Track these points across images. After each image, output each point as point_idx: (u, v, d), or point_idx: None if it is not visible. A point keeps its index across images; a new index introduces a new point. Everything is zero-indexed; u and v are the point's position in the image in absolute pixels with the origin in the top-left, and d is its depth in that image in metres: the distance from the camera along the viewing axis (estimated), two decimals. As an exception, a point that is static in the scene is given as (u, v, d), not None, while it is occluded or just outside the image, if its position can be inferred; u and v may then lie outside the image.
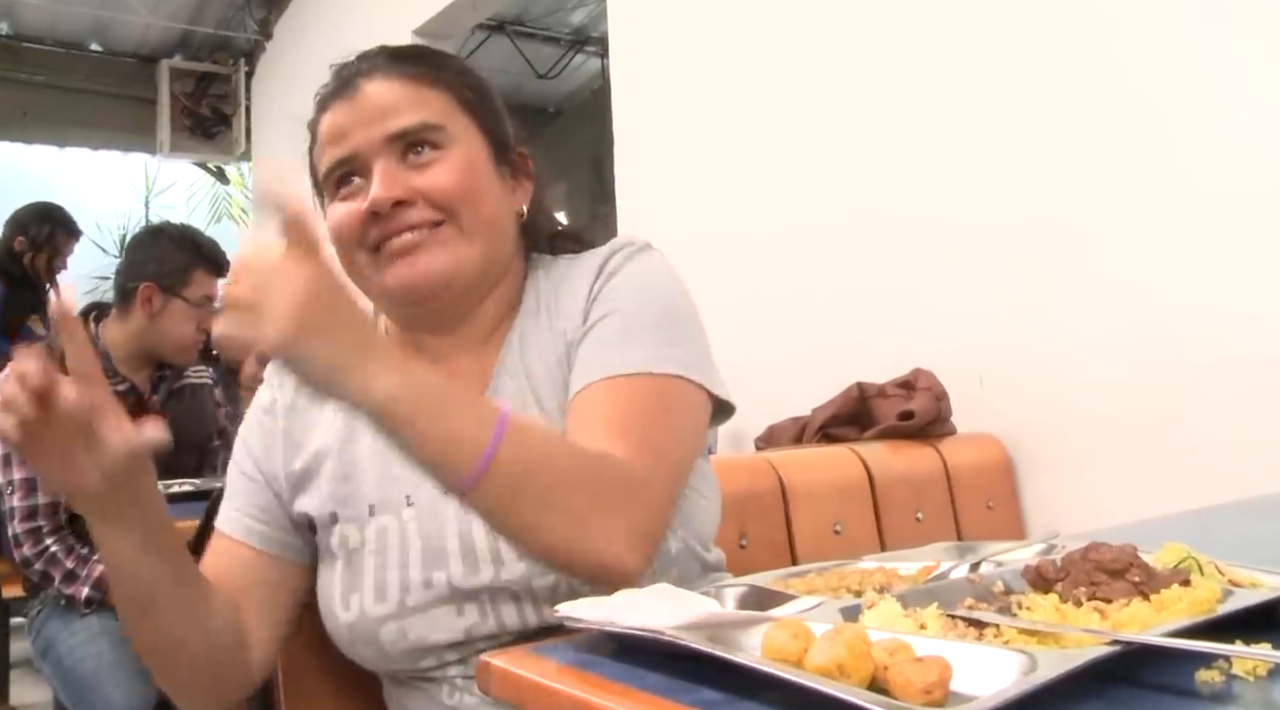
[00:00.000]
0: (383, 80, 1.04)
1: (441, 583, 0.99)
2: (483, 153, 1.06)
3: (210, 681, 1.01)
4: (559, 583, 0.97)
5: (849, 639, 0.63)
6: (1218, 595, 0.73)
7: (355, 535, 1.03)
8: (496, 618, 0.99)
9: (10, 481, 2.25)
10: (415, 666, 1.01)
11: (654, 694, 0.66)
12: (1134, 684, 0.65)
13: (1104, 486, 1.93)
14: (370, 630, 1.00)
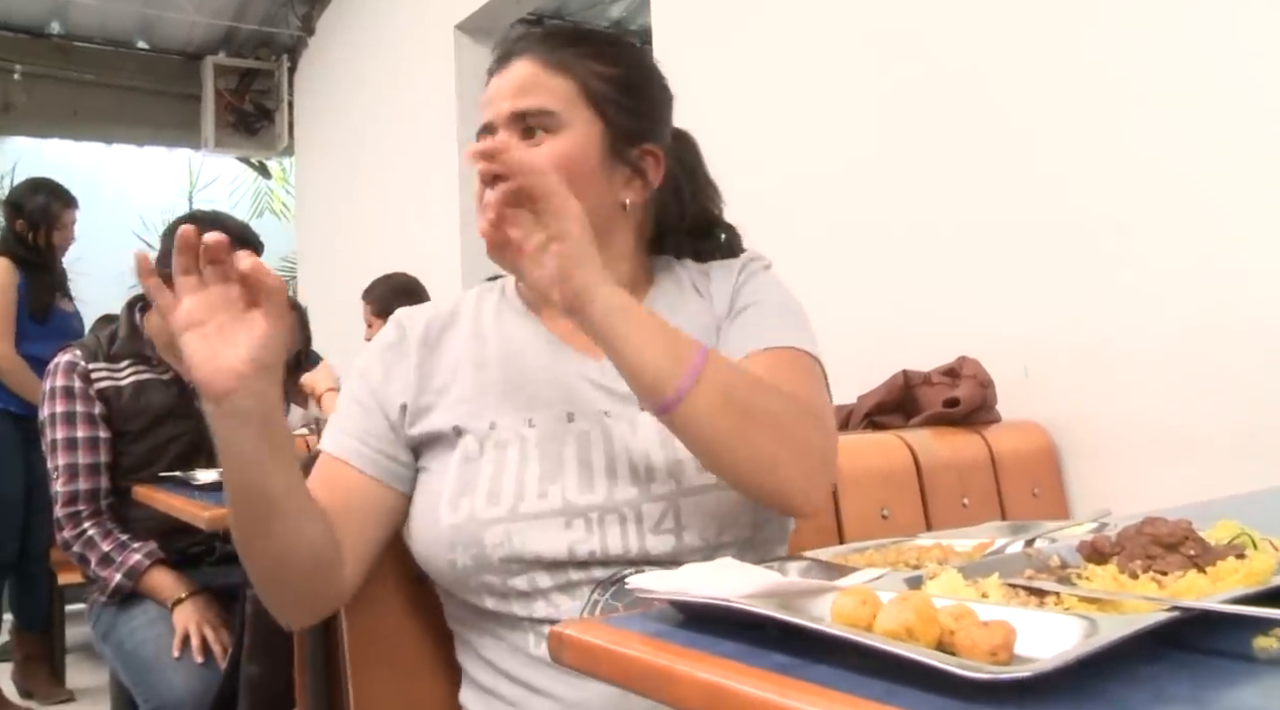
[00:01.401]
0: (526, 61, 1.14)
1: (556, 495, 1.06)
2: (593, 142, 1.13)
3: (308, 594, 1.07)
4: (667, 510, 1.05)
5: (916, 604, 0.65)
6: (1273, 567, 0.75)
7: (474, 446, 1.09)
8: (601, 538, 1.05)
9: (55, 467, 2.30)
10: (504, 581, 1.05)
11: (727, 658, 0.69)
12: (1193, 650, 0.67)
13: (1150, 473, 1.94)
14: (475, 532, 1.05)
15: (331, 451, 1.14)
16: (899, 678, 0.61)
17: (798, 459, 0.97)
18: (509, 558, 1.04)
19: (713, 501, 1.05)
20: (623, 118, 1.15)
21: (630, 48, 1.24)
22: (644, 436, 1.09)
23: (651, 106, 1.21)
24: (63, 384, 2.32)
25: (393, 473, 1.14)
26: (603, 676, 0.78)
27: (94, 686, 3.86)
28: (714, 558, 1.01)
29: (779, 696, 0.62)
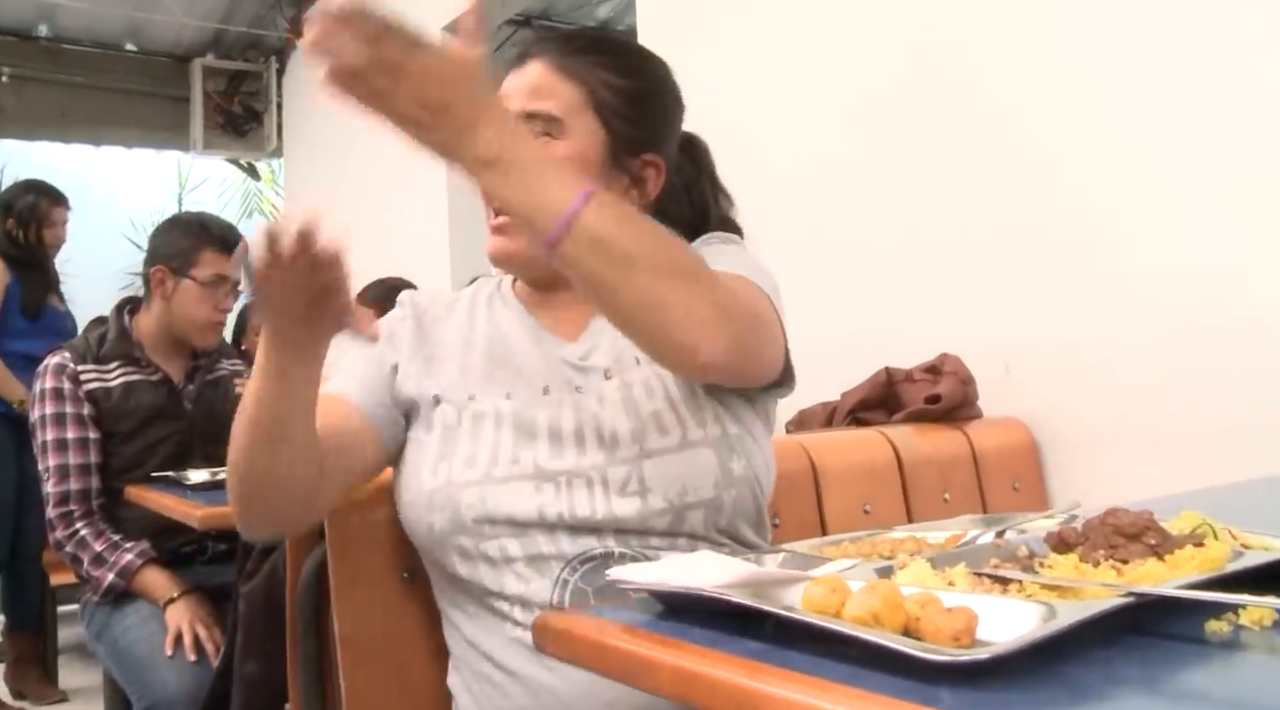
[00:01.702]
0: (540, 63, 1.18)
1: (528, 460, 1.12)
2: (595, 150, 1.17)
3: (281, 513, 1.11)
4: (631, 473, 1.09)
5: (884, 592, 0.68)
6: (1228, 555, 0.78)
7: (453, 415, 1.16)
8: (569, 501, 1.10)
9: (46, 468, 2.31)
10: (476, 543, 1.11)
11: (702, 645, 0.72)
12: (1148, 634, 0.70)
13: (1129, 467, 1.97)
14: (452, 495, 1.11)
15: (328, 390, 1.18)
16: (865, 662, 0.64)
17: (687, 303, 0.94)
18: (481, 518, 1.09)
19: (675, 464, 1.10)
20: (627, 128, 1.19)
21: (643, 58, 1.28)
22: (610, 407, 1.14)
23: (658, 118, 1.24)
24: (52, 386, 2.33)
25: (380, 417, 1.19)
26: (584, 665, 0.81)
27: (87, 687, 3.87)
28: (681, 520, 1.09)
29: (750, 681, 0.65)
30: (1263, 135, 1.83)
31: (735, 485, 1.13)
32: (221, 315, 2.47)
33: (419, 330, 1.25)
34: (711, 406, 1.14)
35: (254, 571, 1.53)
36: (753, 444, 1.16)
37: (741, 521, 1.15)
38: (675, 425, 1.12)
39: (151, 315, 2.45)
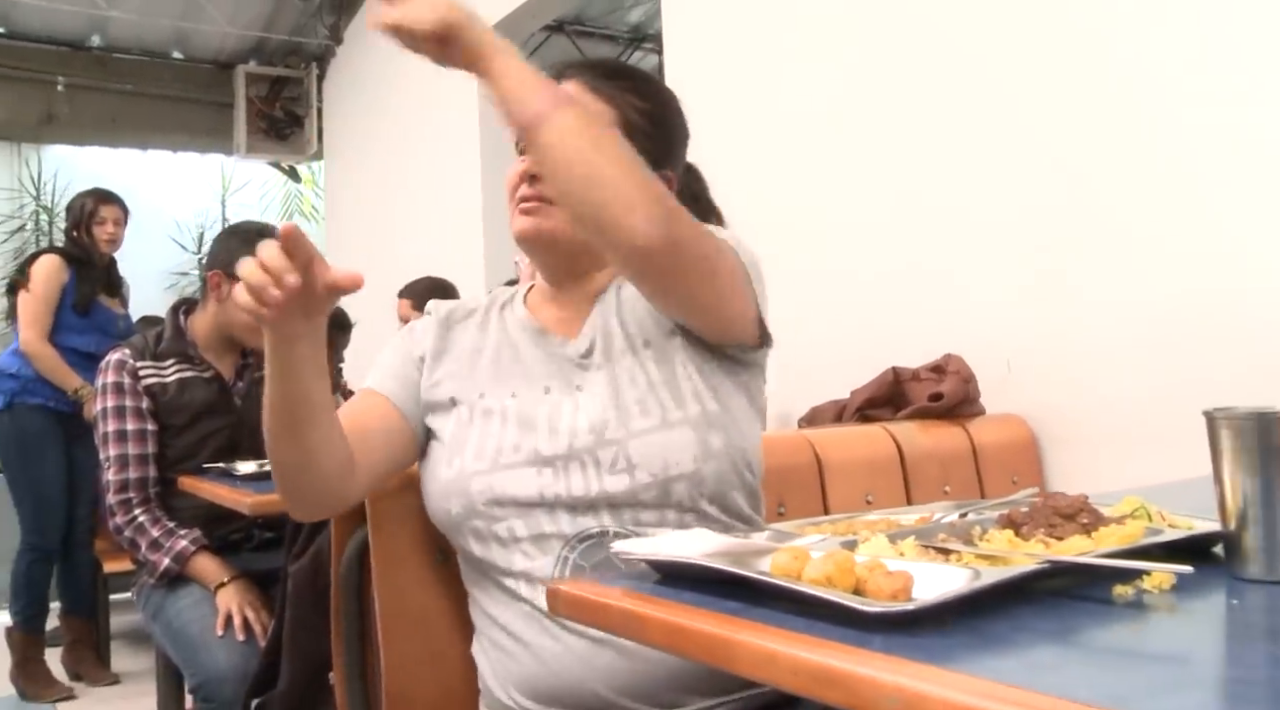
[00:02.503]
0: (574, 84, 1.32)
1: (529, 447, 1.25)
2: None
3: (321, 492, 1.25)
4: (618, 453, 1.22)
5: (837, 559, 0.81)
6: (1143, 532, 0.90)
7: (466, 414, 1.31)
8: (565, 481, 1.23)
9: (107, 457, 2.46)
10: (488, 525, 1.25)
11: (687, 605, 0.85)
12: (1064, 596, 0.83)
13: (1124, 461, 2.07)
14: (464, 484, 1.25)
15: (369, 384, 1.37)
16: (819, 615, 0.77)
17: (635, 191, 1.09)
18: (490, 502, 1.24)
19: (657, 441, 1.22)
20: (649, 146, 1.30)
21: (662, 87, 1.43)
22: (600, 396, 1.27)
23: (672, 139, 1.40)
24: (113, 380, 2.49)
25: (410, 412, 1.35)
26: (590, 623, 0.94)
27: (138, 670, 4.04)
28: (667, 493, 1.22)
29: (723, 631, 0.78)
30: (1258, 140, 1.91)
31: (715, 458, 1.24)
32: None
33: (442, 335, 1.39)
34: (691, 387, 1.26)
35: (301, 553, 1.68)
36: (733, 420, 1.27)
37: (731, 491, 1.27)
38: (656, 407, 1.24)
39: (206, 316, 2.60)
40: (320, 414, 1.19)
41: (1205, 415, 0.88)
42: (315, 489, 1.25)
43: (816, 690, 0.69)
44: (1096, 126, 2.16)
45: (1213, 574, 0.87)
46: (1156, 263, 2.06)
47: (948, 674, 0.64)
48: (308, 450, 1.20)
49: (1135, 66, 2.11)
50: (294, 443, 1.19)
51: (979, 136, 2.40)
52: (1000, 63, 2.36)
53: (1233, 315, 1.95)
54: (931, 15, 2.53)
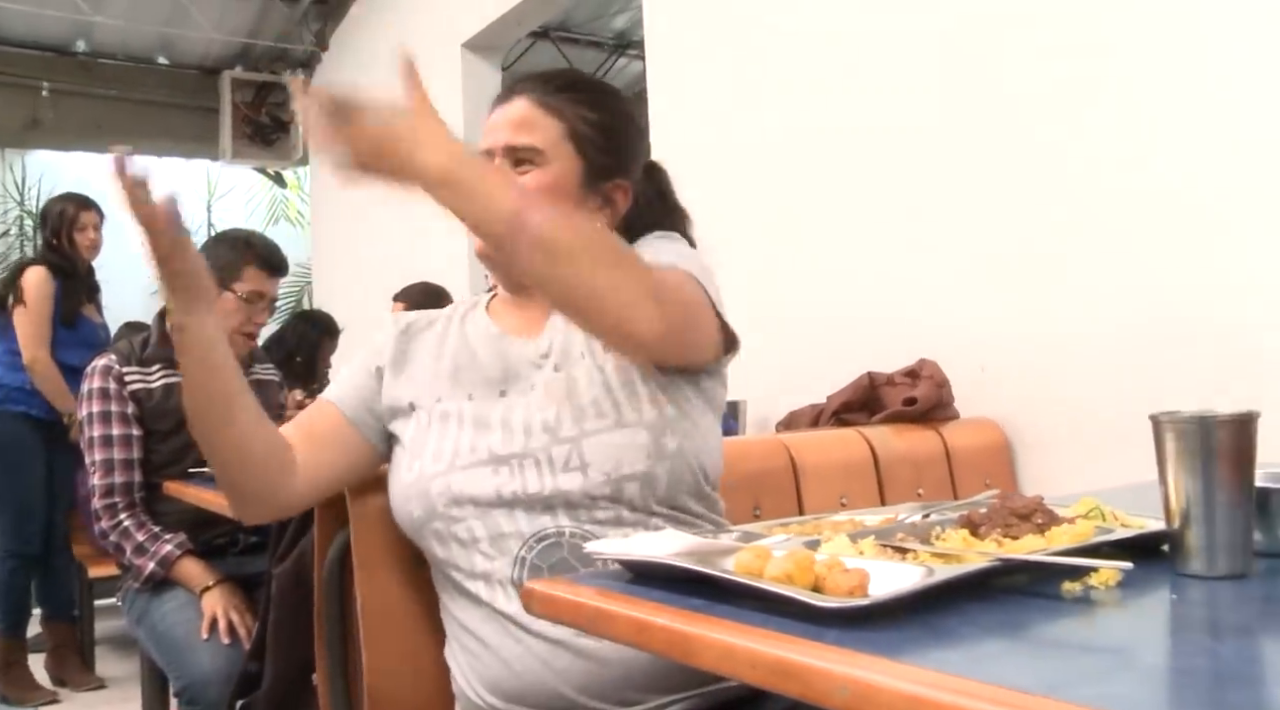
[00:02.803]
0: (524, 100, 1.35)
1: (483, 448, 1.28)
2: (570, 177, 1.35)
3: (261, 487, 1.34)
4: (571, 451, 1.25)
5: (797, 557, 0.84)
6: (1092, 531, 0.94)
7: (425, 418, 1.34)
8: (521, 479, 1.26)
9: (93, 462, 2.48)
10: (448, 527, 1.28)
11: (654, 601, 0.88)
12: (1016, 592, 0.86)
13: (1094, 463, 2.11)
14: (424, 486, 1.29)
15: (327, 396, 1.43)
16: (780, 611, 0.80)
17: (621, 291, 1.10)
18: (449, 502, 1.27)
19: (610, 441, 1.25)
20: (600, 157, 1.37)
21: (614, 95, 1.46)
22: (555, 397, 1.30)
23: (625, 147, 1.42)
24: (99, 385, 2.51)
25: (365, 424, 1.39)
26: (563, 620, 0.97)
27: (122, 676, 4.05)
28: (619, 491, 1.25)
29: (686, 626, 0.82)
30: (1222, 157, 1.96)
31: (669, 459, 1.26)
32: (254, 327, 2.63)
33: (402, 345, 1.43)
34: (649, 392, 1.28)
35: (285, 556, 1.70)
36: (690, 425, 1.29)
37: (682, 494, 1.29)
38: (611, 409, 1.27)
39: None
40: (240, 399, 1.28)
41: (1151, 419, 0.92)
42: (253, 485, 1.33)
43: (774, 682, 0.73)
44: (1066, 139, 2.21)
45: (1158, 571, 0.91)
46: (1126, 272, 2.10)
47: (896, 665, 0.67)
48: (236, 441, 1.29)
49: (1097, 83, 2.15)
50: (221, 432, 1.29)
51: (953, 148, 2.44)
52: (973, 74, 2.41)
53: (1200, 322, 1.99)
54: (908, 26, 2.57)
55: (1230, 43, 1.95)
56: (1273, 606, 0.86)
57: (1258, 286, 1.91)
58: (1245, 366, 1.92)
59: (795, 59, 2.92)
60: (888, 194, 2.60)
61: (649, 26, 3.61)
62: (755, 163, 3.04)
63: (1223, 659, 0.71)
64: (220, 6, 6.16)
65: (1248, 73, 1.92)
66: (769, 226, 2.96)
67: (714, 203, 3.15)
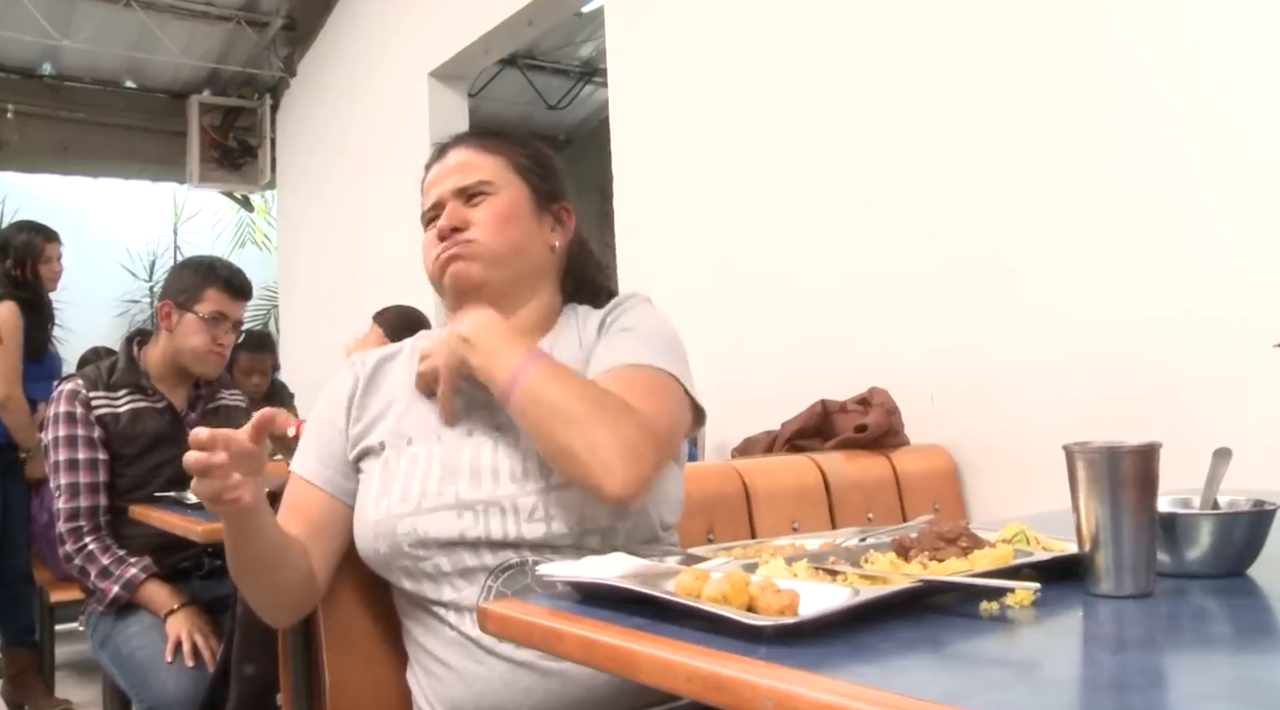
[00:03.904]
0: (461, 149, 1.47)
1: (451, 493, 1.32)
2: (523, 200, 1.46)
3: (295, 603, 1.40)
4: (537, 503, 1.30)
5: (733, 579, 0.90)
6: (1011, 554, 1.01)
7: (394, 458, 1.37)
8: (485, 525, 1.30)
9: (58, 486, 2.50)
10: (415, 564, 1.33)
11: (600, 621, 0.94)
12: (939, 612, 0.93)
13: (1039, 488, 2.16)
14: (390, 526, 1.32)
15: (301, 473, 1.44)
16: (715, 628, 0.86)
17: (593, 451, 1.19)
18: (415, 543, 1.31)
19: (575, 497, 1.29)
20: (542, 183, 1.50)
21: (536, 141, 1.57)
22: (524, 445, 1.33)
23: (559, 177, 1.55)
24: (65, 409, 2.53)
25: (346, 490, 1.42)
26: (515, 640, 1.03)
27: (84, 701, 4.02)
28: (581, 542, 1.30)
29: (630, 644, 0.87)
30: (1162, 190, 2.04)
31: (632, 517, 1.31)
32: (219, 349, 2.66)
33: (365, 391, 1.46)
34: None
35: (250, 578, 1.74)
36: (657, 483, 1.32)
37: (637, 542, 1.33)
38: None
39: (158, 347, 2.65)
40: (285, 548, 1.32)
41: (1064, 449, 0.99)
42: (289, 604, 1.39)
43: (706, 694, 0.78)
44: (1011, 177, 2.29)
45: (1071, 591, 0.98)
46: (1068, 307, 2.18)
47: (816, 678, 0.73)
48: (280, 583, 1.34)
49: (1038, 120, 2.24)
50: (268, 582, 1.34)
51: (903, 184, 2.52)
52: (920, 112, 2.49)
53: (1136, 352, 2.07)
54: (862, 61, 2.66)
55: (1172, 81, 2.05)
56: (1175, 622, 0.92)
57: (1186, 324, 1.99)
58: (1175, 397, 2.00)
59: (752, 90, 3.00)
60: (842, 227, 2.68)
61: (611, 55, 3.68)
62: (713, 191, 3.12)
63: (1122, 670, 0.77)
64: (188, 31, 6.19)
65: (1183, 111, 2.01)
66: (726, 255, 3.03)
67: (672, 231, 3.24)
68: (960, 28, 2.41)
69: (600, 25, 4.61)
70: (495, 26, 4.36)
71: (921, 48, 2.50)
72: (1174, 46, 2.02)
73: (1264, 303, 1.88)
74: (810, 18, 2.81)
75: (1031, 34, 2.26)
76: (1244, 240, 1.92)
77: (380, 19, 5.37)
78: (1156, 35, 2.05)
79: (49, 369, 3.90)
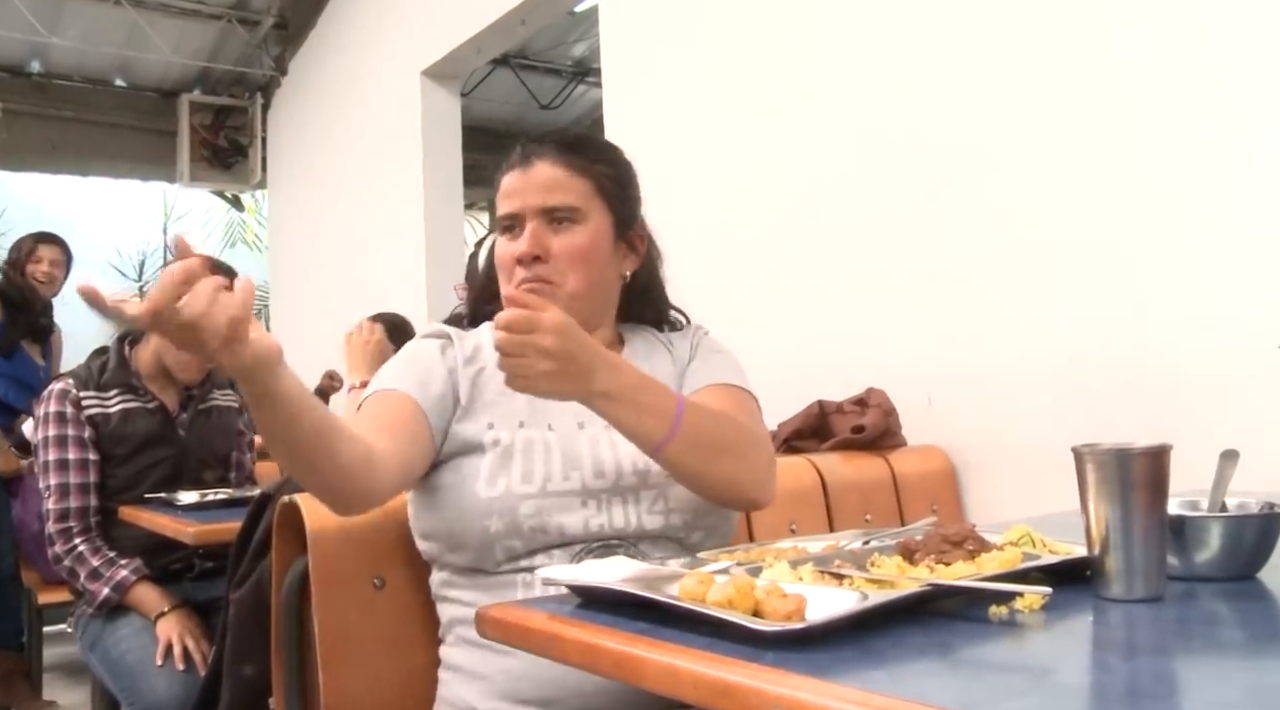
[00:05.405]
0: (549, 164, 1.41)
1: (576, 479, 1.33)
2: (606, 228, 1.43)
3: (343, 487, 1.20)
4: (659, 495, 1.35)
5: (738, 583, 0.89)
6: (1020, 557, 0.99)
7: (506, 437, 1.35)
8: (608, 514, 1.33)
9: (47, 486, 2.48)
10: (526, 546, 1.31)
11: (602, 626, 0.92)
12: (947, 616, 0.91)
13: (1037, 490, 2.16)
14: (512, 505, 1.30)
15: (398, 387, 1.35)
16: (720, 633, 0.85)
17: (752, 473, 1.29)
18: (536, 528, 1.30)
19: (691, 492, 1.33)
20: (622, 208, 1.47)
21: (619, 151, 1.54)
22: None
23: (636, 197, 1.52)
24: (55, 409, 2.51)
25: (436, 427, 1.35)
26: (515, 645, 1.01)
27: (72, 704, 4.00)
28: (688, 539, 1.36)
29: (633, 649, 0.86)
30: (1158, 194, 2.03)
31: (730, 519, 1.41)
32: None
33: (467, 367, 1.41)
34: None
35: (243, 579, 1.72)
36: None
37: (723, 542, 1.40)
38: None
39: (149, 347, 2.62)
40: (335, 429, 1.16)
41: (1073, 451, 0.98)
42: (336, 481, 1.20)
43: (714, 701, 0.77)
44: (1010, 176, 2.28)
45: (1080, 595, 0.97)
46: (1066, 309, 2.17)
47: (825, 684, 0.72)
48: (340, 467, 1.17)
49: (1034, 125, 2.23)
50: (328, 467, 1.17)
51: (901, 184, 2.51)
52: (917, 116, 2.48)
53: (1135, 353, 2.06)
54: (861, 55, 2.64)
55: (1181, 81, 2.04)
56: (1186, 627, 0.91)
57: (1189, 325, 1.98)
58: (1176, 399, 1.99)
59: (747, 91, 2.98)
60: (839, 229, 2.67)
61: (606, 54, 3.66)
62: (706, 193, 3.10)
63: (1136, 676, 0.76)
64: (179, 30, 6.15)
65: (1189, 110, 2.00)
66: (722, 257, 3.02)
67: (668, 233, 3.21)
68: (959, 27, 2.40)
69: (593, 25, 4.61)
70: (488, 26, 4.33)
71: (920, 49, 2.49)
72: (1186, 48, 2.01)
73: (1268, 302, 1.87)
74: (807, 17, 2.79)
75: (1036, 34, 2.25)
76: (1248, 239, 1.91)
77: (372, 18, 5.35)
78: (1169, 37, 2.04)
79: (18, 369, 3.87)
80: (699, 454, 1.24)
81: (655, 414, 1.22)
